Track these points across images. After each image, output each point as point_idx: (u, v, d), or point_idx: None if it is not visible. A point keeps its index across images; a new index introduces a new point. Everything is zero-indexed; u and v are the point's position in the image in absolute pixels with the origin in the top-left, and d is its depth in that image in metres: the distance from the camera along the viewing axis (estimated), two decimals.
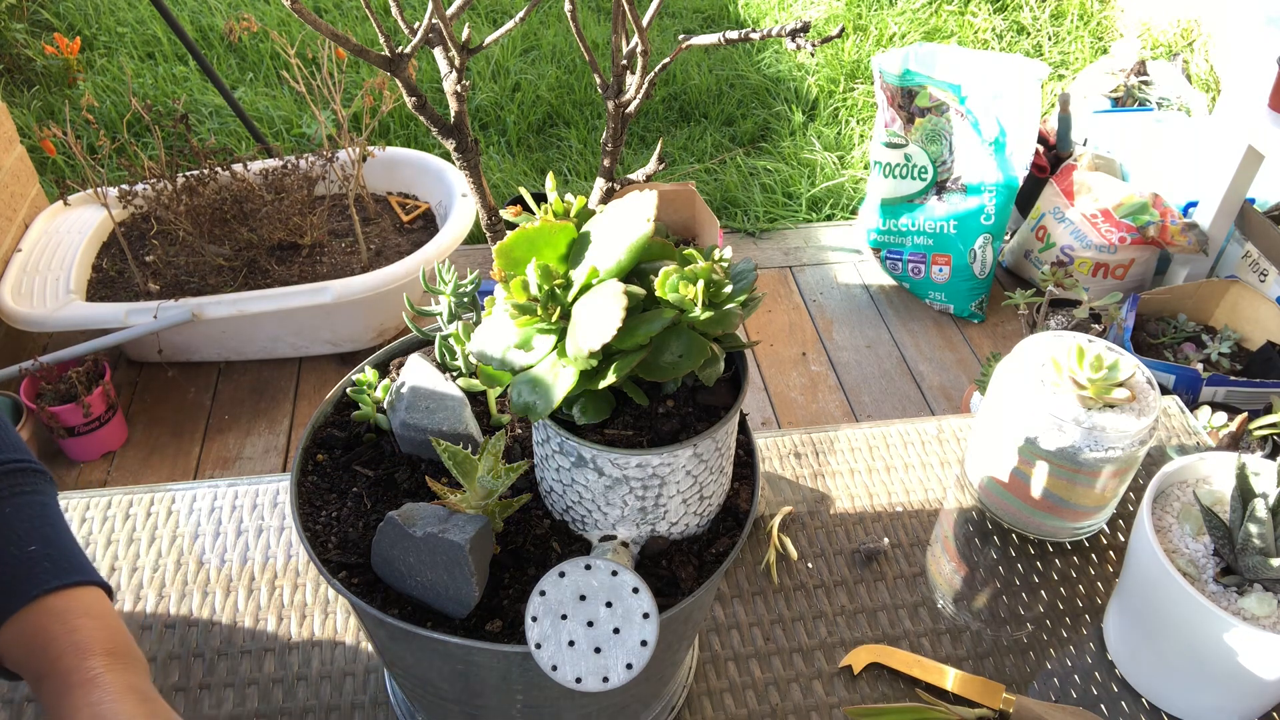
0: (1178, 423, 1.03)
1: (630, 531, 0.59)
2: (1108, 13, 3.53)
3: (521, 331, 0.55)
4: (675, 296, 0.53)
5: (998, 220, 2.30)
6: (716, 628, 0.81)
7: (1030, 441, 0.82)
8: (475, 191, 0.68)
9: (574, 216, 0.57)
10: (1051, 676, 0.79)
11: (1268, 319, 2.01)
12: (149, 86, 3.00)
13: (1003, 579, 0.86)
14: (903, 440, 1.00)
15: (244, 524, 0.88)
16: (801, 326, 2.41)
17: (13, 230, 2.13)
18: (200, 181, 2.03)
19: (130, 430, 2.03)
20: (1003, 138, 2.25)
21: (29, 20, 3.21)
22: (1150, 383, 0.83)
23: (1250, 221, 2.13)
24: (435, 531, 0.56)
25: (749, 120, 3.09)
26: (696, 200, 2.39)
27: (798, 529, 0.90)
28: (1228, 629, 0.66)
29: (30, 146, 2.53)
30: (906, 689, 0.77)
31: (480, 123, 3.06)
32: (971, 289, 2.40)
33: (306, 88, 2.45)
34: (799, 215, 2.77)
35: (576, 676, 0.52)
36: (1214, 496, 0.77)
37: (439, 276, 0.70)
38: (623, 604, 0.52)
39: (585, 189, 2.75)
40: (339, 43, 0.59)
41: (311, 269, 2.13)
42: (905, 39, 3.41)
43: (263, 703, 0.75)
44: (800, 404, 2.19)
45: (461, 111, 0.65)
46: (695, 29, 3.58)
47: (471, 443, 0.66)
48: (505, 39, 3.26)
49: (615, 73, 0.62)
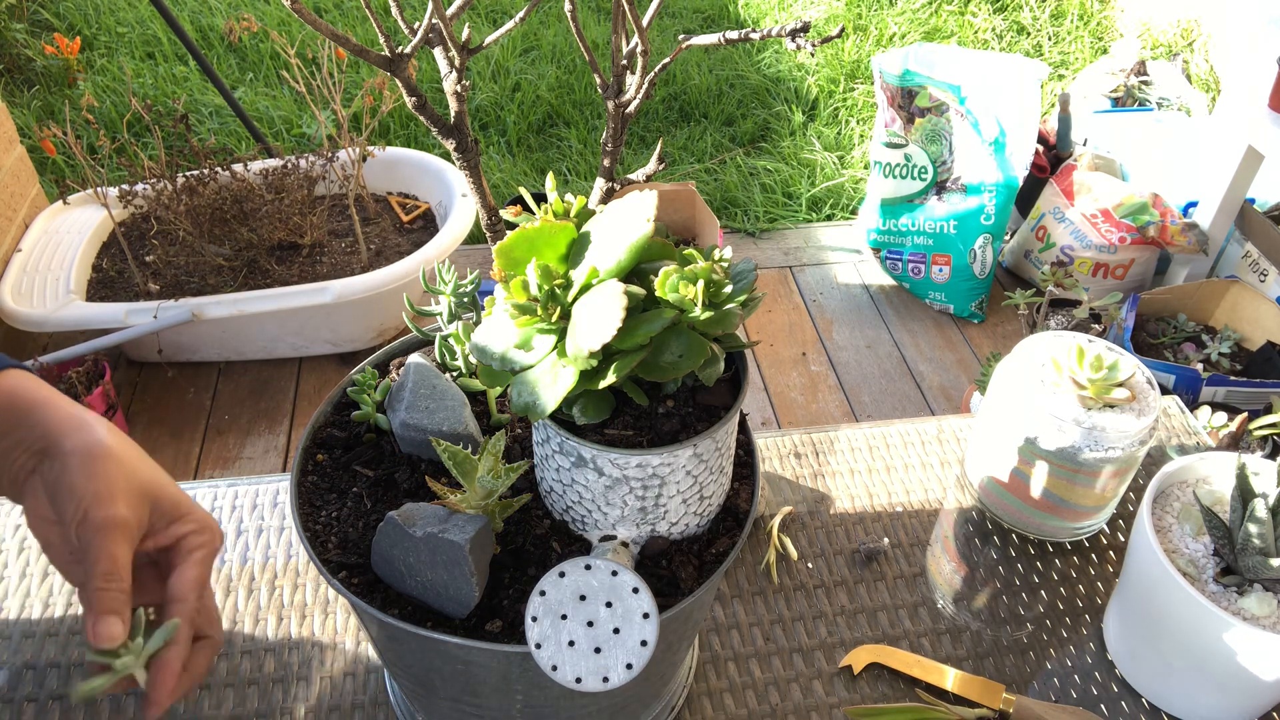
0: (1178, 423, 1.03)
1: (630, 531, 0.59)
2: (1108, 13, 3.53)
3: (521, 331, 0.55)
4: (675, 296, 0.53)
5: (998, 220, 2.30)
6: (716, 628, 0.81)
7: (1030, 441, 0.82)
8: (475, 191, 0.68)
9: (574, 216, 0.57)
10: (1051, 676, 0.79)
11: (1268, 319, 2.01)
12: (149, 86, 3.00)
13: (1003, 579, 0.86)
14: (903, 440, 1.00)
15: (244, 524, 0.88)
16: (801, 326, 2.41)
17: (13, 230, 2.13)
18: (200, 181, 2.03)
19: (130, 430, 2.03)
20: (1003, 138, 2.25)
21: (29, 20, 3.21)
22: (1150, 383, 0.83)
23: (1250, 221, 2.13)
24: (435, 531, 0.56)
25: (749, 120, 3.09)
26: (696, 200, 2.39)
27: (798, 529, 0.90)
28: (1228, 629, 0.66)
29: (30, 146, 2.53)
30: (906, 689, 0.78)
31: (480, 123, 3.06)
32: (971, 289, 2.40)
33: (306, 88, 2.45)
34: (799, 215, 2.77)
35: (576, 676, 0.52)
36: (1214, 496, 0.77)
37: (439, 276, 0.70)
38: (623, 604, 0.52)
39: (585, 189, 2.75)
40: (339, 43, 0.59)
41: (311, 269, 2.13)
42: (905, 39, 3.41)
43: (263, 703, 0.75)
44: (800, 404, 2.19)
45: (461, 111, 0.65)
46: (695, 29, 3.58)
47: (471, 443, 0.66)
48: (505, 39, 3.26)
49: (615, 73, 0.62)
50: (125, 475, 0.54)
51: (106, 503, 0.52)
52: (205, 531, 0.57)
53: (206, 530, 0.57)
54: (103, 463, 0.54)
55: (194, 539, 0.56)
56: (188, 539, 0.56)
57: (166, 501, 0.56)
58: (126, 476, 0.54)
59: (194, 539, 0.56)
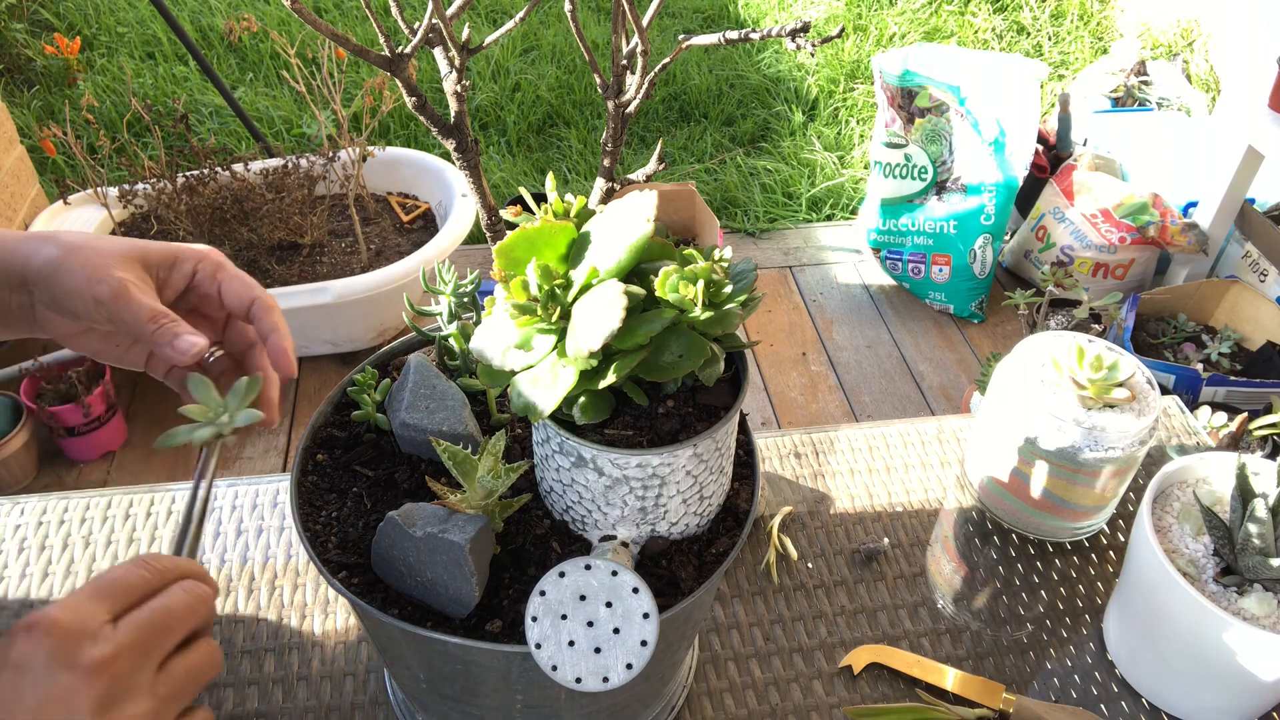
0: (1178, 423, 1.03)
1: (630, 531, 0.59)
2: (1108, 13, 3.53)
3: (521, 331, 0.55)
4: (675, 296, 0.53)
5: (998, 220, 2.30)
6: (716, 628, 0.81)
7: (1030, 441, 0.82)
8: (475, 191, 0.68)
9: (574, 216, 0.57)
10: (1051, 676, 0.79)
11: (1268, 319, 2.01)
12: (149, 86, 3.00)
13: (1003, 579, 0.86)
14: (903, 440, 0.99)
15: (244, 524, 0.88)
16: (801, 326, 2.41)
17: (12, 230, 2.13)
18: (200, 181, 2.03)
19: (130, 430, 2.03)
20: (1002, 138, 2.25)
21: (29, 20, 3.21)
22: (1150, 383, 0.83)
23: (1250, 221, 2.13)
24: (435, 531, 0.56)
25: (749, 120, 3.09)
26: (696, 200, 2.39)
27: (798, 529, 0.90)
28: (1228, 629, 0.66)
29: (30, 146, 2.53)
30: (906, 689, 0.77)
31: (480, 123, 3.06)
32: (971, 289, 2.40)
33: (306, 88, 2.45)
34: (799, 215, 2.77)
35: (576, 676, 0.52)
36: (1214, 496, 0.77)
37: (439, 276, 0.70)
38: (623, 604, 0.52)
39: (585, 189, 2.75)
40: (339, 43, 0.59)
41: (311, 269, 2.13)
42: (905, 39, 3.41)
43: (263, 703, 0.75)
44: (800, 404, 2.19)
45: (461, 111, 0.65)
46: (695, 29, 3.58)
47: (471, 443, 0.66)
48: (505, 39, 3.26)
49: (615, 73, 0.62)
50: (102, 252, 0.55)
51: (105, 277, 0.54)
52: (207, 255, 0.59)
53: (207, 255, 0.59)
54: (77, 255, 0.55)
55: (204, 266, 0.58)
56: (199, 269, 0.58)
57: (155, 253, 0.58)
58: (103, 253, 0.56)
59: (204, 266, 0.58)
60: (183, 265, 0.58)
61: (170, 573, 0.47)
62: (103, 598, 0.43)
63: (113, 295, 0.53)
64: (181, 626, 0.45)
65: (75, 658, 0.40)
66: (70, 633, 0.40)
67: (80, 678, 0.40)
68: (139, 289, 0.55)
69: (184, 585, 0.46)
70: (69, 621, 0.41)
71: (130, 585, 0.44)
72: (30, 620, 0.41)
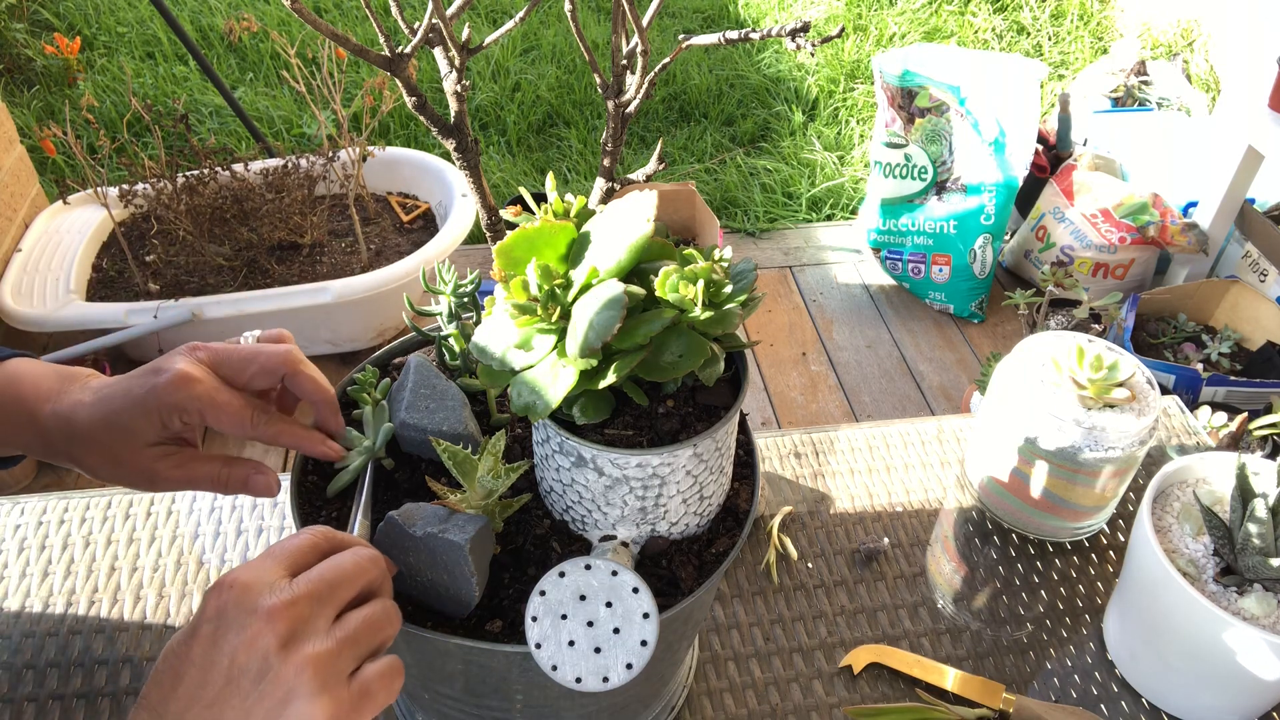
0: (1178, 423, 1.03)
1: (630, 531, 0.59)
2: (1108, 13, 3.53)
3: (521, 331, 0.55)
4: (675, 296, 0.53)
5: (998, 220, 2.30)
6: (716, 628, 0.81)
7: (1030, 441, 0.82)
8: (475, 191, 0.68)
9: (574, 216, 0.57)
10: (1051, 676, 0.79)
11: (1268, 319, 2.01)
12: (149, 86, 3.00)
13: (1003, 579, 0.86)
14: (903, 440, 1.00)
15: (244, 524, 0.88)
16: (801, 326, 2.41)
17: (13, 230, 2.13)
18: (200, 181, 2.03)
19: None
20: (1002, 138, 2.25)
21: (29, 20, 3.21)
22: (1150, 383, 0.83)
23: (1250, 221, 2.13)
24: (435, 531, 0.56)
25: (749, 120, 3.09)
26: (696, 200, 2.39)
27: (798, 529, 0.90)
28: (1228, 629, 0.66)
29: (30, 146, 2.53)
30: (906, 689, 0.78)
31: (480, 123, 3.06)
32: (971, 289, 2.40)
33: (306, 88, 2.45)
34: (799, 215, 2.77)
35: (576, 676, 0.52)
36: (1214, 496, 0.77)
37: (439, 276, 0.70)
38: (623, 604, 0.52)
39: (585, 189, 2.75)
40: (339, 43, 0.59)
41: (311, 269, 2.13)
42: (905, 39, 3.41)
43: None
44: (800, 404, 2.19)
45: (461, 111, 0.65)
46: (695, 29, 3.58)
47: (471, 443, 0.66)
48: (505, 39, 3.26)
49: (615, 73, 0.62)
50: (147, 372, 0.59)
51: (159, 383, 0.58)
52: (271, 339, 0.63)
53: (269, 338, 0.63)
54: (120, 383, 0.59)
55: (270, 348, 0.61)
56: (266, 356, 0.61)
57: (221, 352, 0.61)
58: (151, 369, 0.59)
59: (270, 348, 0.61)
60: (249, 353, 0.61)
61: (339, 541, 0.52)
62: (278, 560, 0.49)
63: (186, 399, 0.57)
64: (351, 582, 0.49)
65: (258, 604, 0.46)
66: (251, 586, 0.46)
67: (264, 619, 0.45)
68: (197, 385, 0.58)
69: (353, 549, 0.51)
70: (250, 578, 0.47)
71: (302, 548, 0.50)
72: (218, 582, 0.47)
